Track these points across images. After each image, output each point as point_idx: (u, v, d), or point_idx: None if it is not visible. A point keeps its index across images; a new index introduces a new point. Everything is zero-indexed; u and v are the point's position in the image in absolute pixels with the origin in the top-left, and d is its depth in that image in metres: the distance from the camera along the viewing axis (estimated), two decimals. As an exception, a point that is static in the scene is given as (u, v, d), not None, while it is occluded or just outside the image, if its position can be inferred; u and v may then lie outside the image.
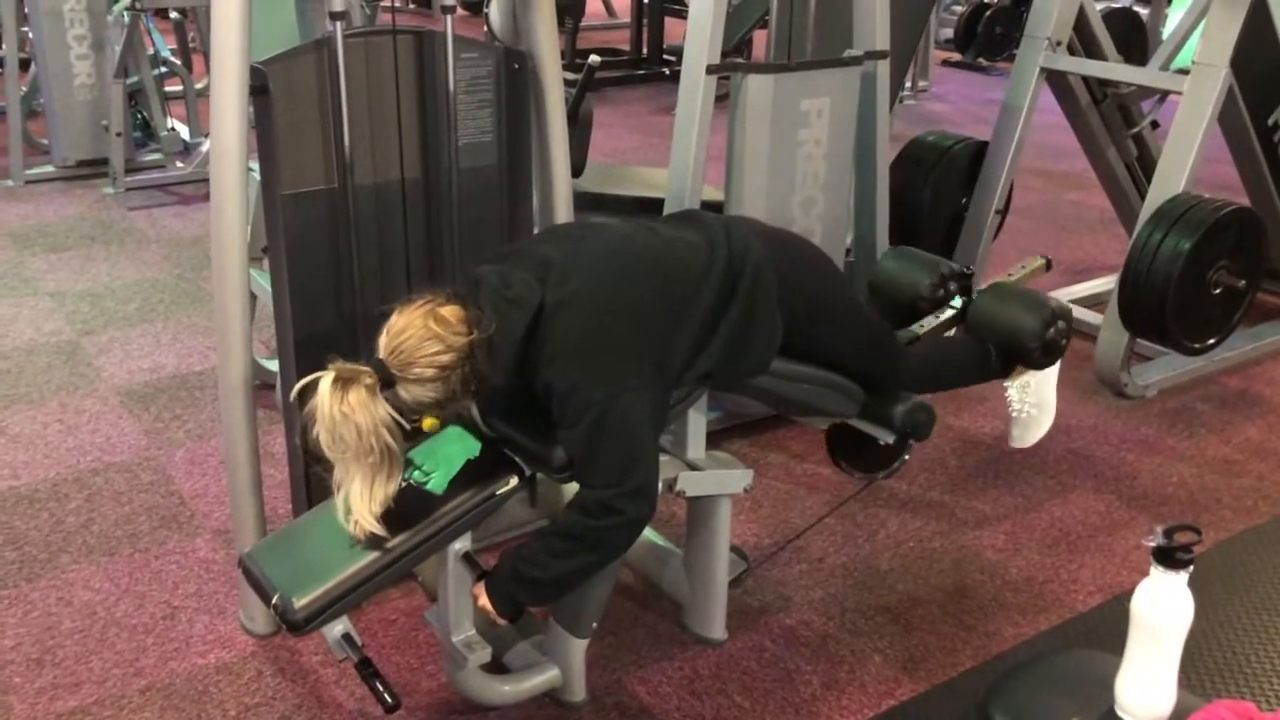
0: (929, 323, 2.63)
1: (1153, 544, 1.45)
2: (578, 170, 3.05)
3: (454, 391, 1.88)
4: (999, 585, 2.68)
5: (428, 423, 1.95)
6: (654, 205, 3.04)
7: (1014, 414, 2.70)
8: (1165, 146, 3.54)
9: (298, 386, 1.83)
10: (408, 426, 1.86)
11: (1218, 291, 3.43)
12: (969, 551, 2.81)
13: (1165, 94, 3.99)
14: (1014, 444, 2.78)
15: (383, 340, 1.86)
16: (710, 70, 2.83)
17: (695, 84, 2.85)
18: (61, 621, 2.47)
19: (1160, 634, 1.47)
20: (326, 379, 1.78)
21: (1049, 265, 2.97)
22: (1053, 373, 2.64)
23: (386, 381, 1.82)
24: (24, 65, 5.68)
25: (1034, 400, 2.65)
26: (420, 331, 1.83)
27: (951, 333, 2.66)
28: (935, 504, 3.01)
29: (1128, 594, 1.49)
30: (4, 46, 5.39)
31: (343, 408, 1.76)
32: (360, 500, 1.84)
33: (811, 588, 2.65)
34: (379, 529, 1.86)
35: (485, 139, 2.51)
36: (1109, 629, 2.50)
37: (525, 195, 2.63)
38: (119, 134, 5.25)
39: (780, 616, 2.54)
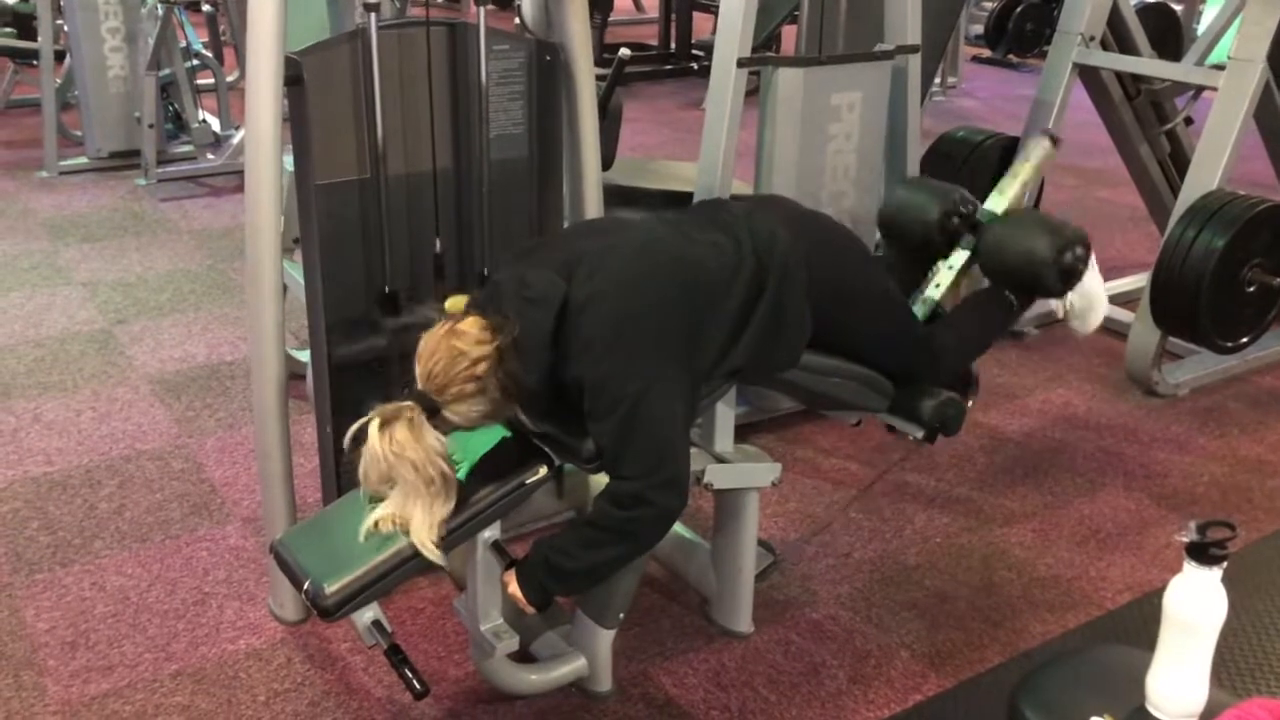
0: (944, 278, 2.54)
1: (1186, 539, 1.44)
2: (607, 163, 3.05)
3: (496, 399, 1.91)
4: (1027, 582, 2.66)
5: None
6: (683, 199, 3.04)
7: (1060, 316, 2.61)
8: (1199, 143, 3.51)
9: (348, 436, 1.85)
10: None
11: (1251, 290, 3.39)
12: (997, 548, 2.80)
13: (1200, 90, 3.95)
14: (1077, 334, 2.72)
15: (417, 369, 1.89)
16: (741, 63, 2.82)
17: (726, 77, 2.85)
18: (95, 606, 2.50)
19: (1193, 630, 1.46)
20: (374, 425, 1.82)
21: (1056, 142, 2.79)
22: (1089, 271, 2.51)
23: (431, 410, 1.86)
24: (59, 57, 5.74)
25: (1077, 298, 2.54)
26: (447, 351, 1.87)
27: (966, 285, 2.58)
28: (963, 500, 3.00)
29: (1157, 592, 1.48)
30: (40, 39, 5.46)
31: (393, 448, 1.80)
32: (423, 526, 1.87)
33: (838, 582, 2.65)
34: (438, 556, 1.88)
35: (516, 131, 2.52)
36: (1138, 627, 2.49)
37: (555, 187, 2.63)
38: (151, 126, 5.31)
39: (806, 610, 2.54)
